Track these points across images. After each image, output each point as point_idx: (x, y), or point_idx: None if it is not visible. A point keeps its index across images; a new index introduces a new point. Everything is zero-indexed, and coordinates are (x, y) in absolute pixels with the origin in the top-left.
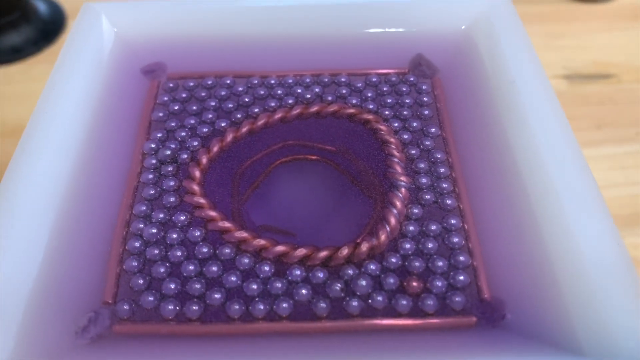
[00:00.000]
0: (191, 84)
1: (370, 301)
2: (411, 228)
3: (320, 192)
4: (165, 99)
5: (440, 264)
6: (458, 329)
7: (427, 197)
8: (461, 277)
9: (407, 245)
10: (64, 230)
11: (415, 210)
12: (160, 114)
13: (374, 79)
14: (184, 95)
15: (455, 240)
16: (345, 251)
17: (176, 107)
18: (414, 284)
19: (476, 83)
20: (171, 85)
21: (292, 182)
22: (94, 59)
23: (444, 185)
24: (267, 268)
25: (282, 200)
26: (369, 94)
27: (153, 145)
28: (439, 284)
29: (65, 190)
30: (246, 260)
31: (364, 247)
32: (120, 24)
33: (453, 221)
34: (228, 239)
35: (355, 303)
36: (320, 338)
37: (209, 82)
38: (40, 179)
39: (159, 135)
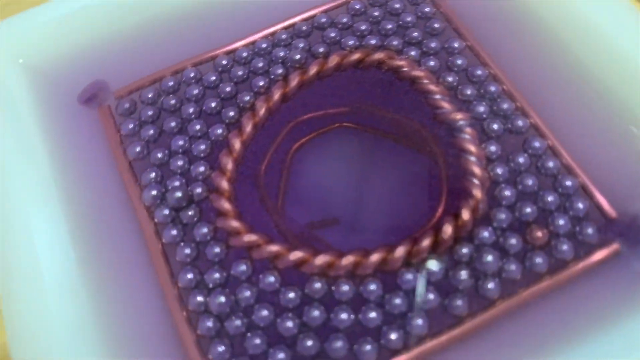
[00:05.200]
0: (149, 95)
1: (504, 275)
2: (499, 171)
3: (352, 163)
4: (131, 126)
5: (550, 198)
6: (603, 265)
7: (495, 126)
8: (580, 205)
9: (508, 193)
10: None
11: (493, 148)
12: (138, 149)
13: (357, 6)
14: (150, 112)
15: (550, 164)
16: (449, 230)
17: (151, 132)
18: (539, 233)
19: None
20: (127, 105)
21: (318, 161)
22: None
23: (504, 106)
24: (372, 286)
25: (315, 186)
26: (363, 27)
27: (154, 193)
28: (562, 222)
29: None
30: (346, 288)
31: (465, 215)
32: (20, 51)
33: (537, 144)
34: (310, 270)
35: (491, 285)
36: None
37: (170, 84)
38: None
39: (151, 176)
